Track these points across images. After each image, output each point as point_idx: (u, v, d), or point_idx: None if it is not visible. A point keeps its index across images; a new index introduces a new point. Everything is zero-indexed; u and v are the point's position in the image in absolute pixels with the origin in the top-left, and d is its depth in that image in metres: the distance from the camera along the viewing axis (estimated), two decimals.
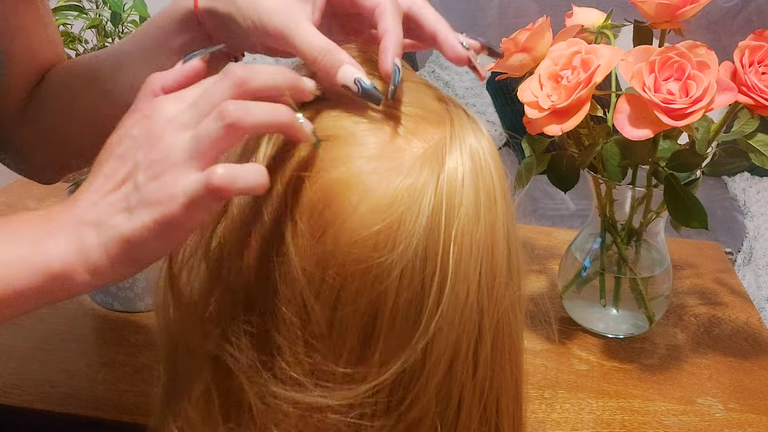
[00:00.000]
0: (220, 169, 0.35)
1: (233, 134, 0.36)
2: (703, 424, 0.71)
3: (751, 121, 0.69)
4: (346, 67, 0.40)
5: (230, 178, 0.35)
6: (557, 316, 0.86)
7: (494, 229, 0.39)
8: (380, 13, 0.41)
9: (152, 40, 0.53)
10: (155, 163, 0.36)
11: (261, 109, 0.36)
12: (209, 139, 0.35)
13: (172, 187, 0.35)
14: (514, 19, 2.56)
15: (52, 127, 0.62)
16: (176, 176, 0.35)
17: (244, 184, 0.35)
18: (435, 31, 0.43)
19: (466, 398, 0.40)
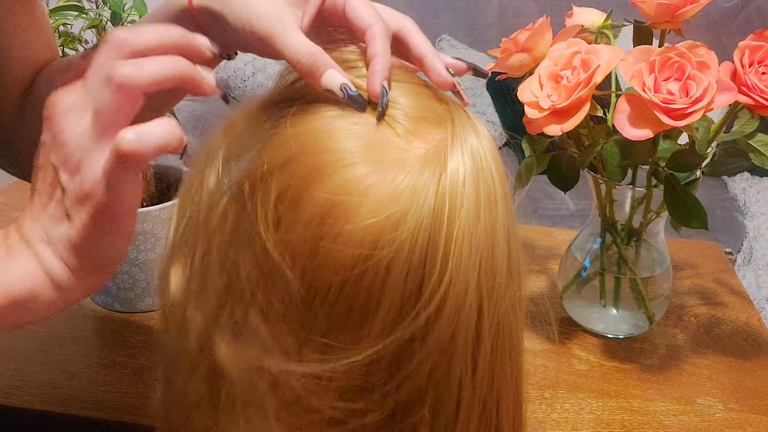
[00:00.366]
0: (127, 134, 0.35)
1: (129, 95, 0.35)
2: (703, 424, 0.71)
3: (751, 121, 0.69)
4: (330, 71, 0.40)
5: (138, 140, 0.35)
6: (557, 316, 0.86)
7: (495, 229, 0.39)
8: (371, 35, 0.42)
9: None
10: (69, 158, 0.36)
11: (152, 62, 0.35)
12: (107, 108, 0.35)
13: (92, 175, 0.35)
14: (514, 19, 2.56)
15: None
16: (91, 161, 0.35)
17: (156, 140, 0.35)
18: (422, 55, 0.43)
19: (465, 398, 0.40)
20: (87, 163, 0.35)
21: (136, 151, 0.35)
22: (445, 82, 0.43)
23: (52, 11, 0.78)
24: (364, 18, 0.43)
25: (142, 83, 0.35)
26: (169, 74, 0.36)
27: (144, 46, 0.36)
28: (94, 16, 0.79)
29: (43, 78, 0.63)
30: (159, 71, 0.36)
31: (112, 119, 0.35)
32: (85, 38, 0.80)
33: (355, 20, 0.43)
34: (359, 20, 0.43)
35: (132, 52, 0.36)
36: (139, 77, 0.35)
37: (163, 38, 0.37)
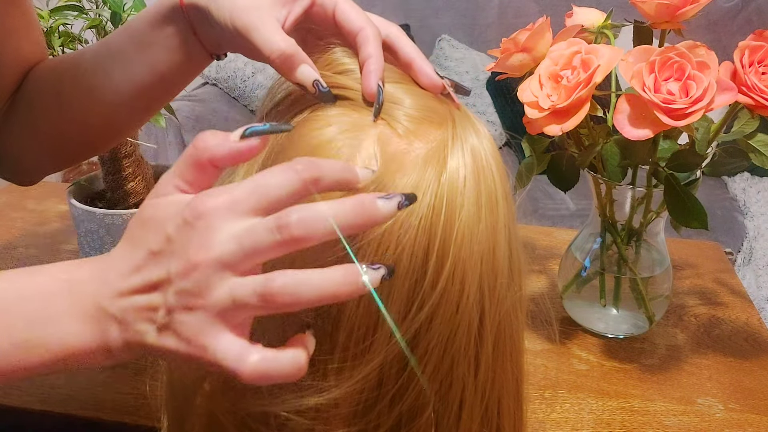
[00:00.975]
0: (255, 357, 0.33)
1: (275, 311, 0.34)
2: (703, 424, 0.71)
3: (751, 121, 0.69)
4: (304, 66, 0.41)
5: (262, 374, 0.34)
6: (557, 316, 0.86)
7: (495, 229, 0.39)
8: (364, 38, 0.42)
9: (140, 34, 0.53)
10: (188, 294, 0.34)
11: (315, 285, 0.33)
12: (246, 309, 0.34)
13: (202, 337, 0.34)
14: (514, 19, 2.56)
15: (37, 128, 0.62)
16: (208, 327, 0.34)
17: (278, 377, 0.34)
18: (410, 59, 0.44)
19: (467, 398, 0.40)
20: (202, 322, 0.34)
21: (252, 380, 0.34)
22: (435, 85, 0.43)
23: (52, 11, 0.78)
24: (354, 21, 0.43)
25: (293, 305, 0.33)
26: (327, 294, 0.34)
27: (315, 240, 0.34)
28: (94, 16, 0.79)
29: (31, 79, 0.63)
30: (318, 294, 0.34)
31: (243, 315, 0.34)
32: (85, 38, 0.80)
33: (345, 23, 0.44)
34: (350, 23, 0.43)
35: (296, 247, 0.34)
36: (295, 303, 0.33)
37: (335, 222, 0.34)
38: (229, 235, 0.34)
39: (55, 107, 0.60)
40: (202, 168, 0.36)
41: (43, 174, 0.67)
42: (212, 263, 0.33)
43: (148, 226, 0.36)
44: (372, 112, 0.39)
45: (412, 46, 0.44)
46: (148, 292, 0.35)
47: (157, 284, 0.35)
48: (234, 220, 0.34)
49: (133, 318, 0.35)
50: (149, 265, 0.35)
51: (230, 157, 0.36)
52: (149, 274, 0.35)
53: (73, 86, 0.58)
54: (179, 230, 0.34)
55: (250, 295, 0.33)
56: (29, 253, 0.99)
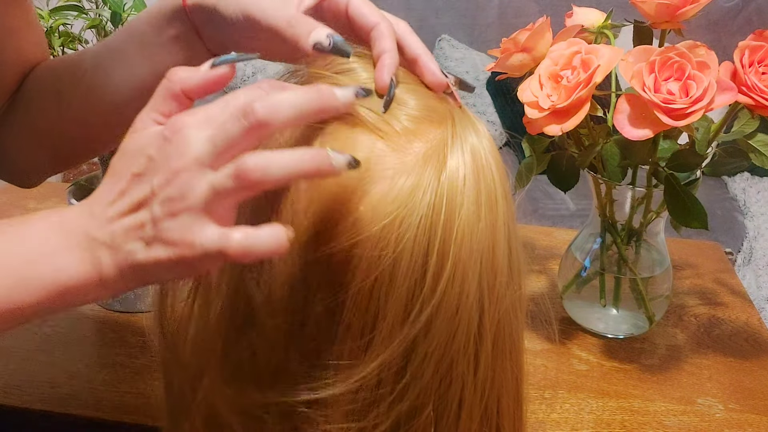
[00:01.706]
0: (237, 236, 0.35)
1: (251, 190, 0.35)
2: (703, 424, 0.71)
3: (751, 121, 0.69)
4: (317, 29, 0.42)
5: (246, 248, 0.35)
6: (557, 316, 0.86)
7: (495, 228, 0.39)
8: (379, 33, 0.43)
9: (141, 35, 0.53)
10: (172, 201, 0.35)
11: (283, 163, 0.35)
12: (226, 193, 0.35)
13: (188, 235, 0.35)
14: (514, 19, 2.56)
15: (37, 128, 0.62)
16: (193, 224, 0.35)
17: (261, 250, 0.35)
18: (416, 56, 0.44)
19: (467, 398, 0.40)
20: (188, 221, 0.35)
21: (239, 257, 0.35)
22: (439, 83, 0.43)
23: (52, 11, 0.78)
24: (369, 16, 0.43)
25: (269, 183, 0.35)
26: (300, 173, 0.36)
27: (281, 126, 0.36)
28: (94, 16, 0.79)
29: (30, 80, 0.63)
30: (290, 172, 0.35)
31: (225, 202, 0.36)
32: (85, 38, 0.80)
33: (360, 18, 0.44)
34: (364, 18, 0.44)
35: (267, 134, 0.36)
36: (268, 179, 0.35)
37: (303, 109, 0.37)
38: (202, 136, 0.35)
39: (54, 107, 0.60)
40: (176, 98, 0.38)
41: (43, 176, 0.67)
42: (190, 165, 0.35)
43: (128, 154, 0.38)
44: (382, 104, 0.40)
45: (418, 43, 0.44)
46: (135, 212, 0.36)
47: (143, 202, 0.36)
48: (208, 129, 0.36)
49: (122, 240, 0.36)
50: (133, 187, 0.37)
51: (202, 86, 0.38)
52: (133, 194, 0.37)
53: (73, 86, 0.58)
54: (159, 148, 0.36)
55: (226, 179, 0.35)
56: None
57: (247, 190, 0.35)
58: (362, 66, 0.42)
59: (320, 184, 0.38)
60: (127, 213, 0.37)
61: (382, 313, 0.38)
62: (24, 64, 0.62)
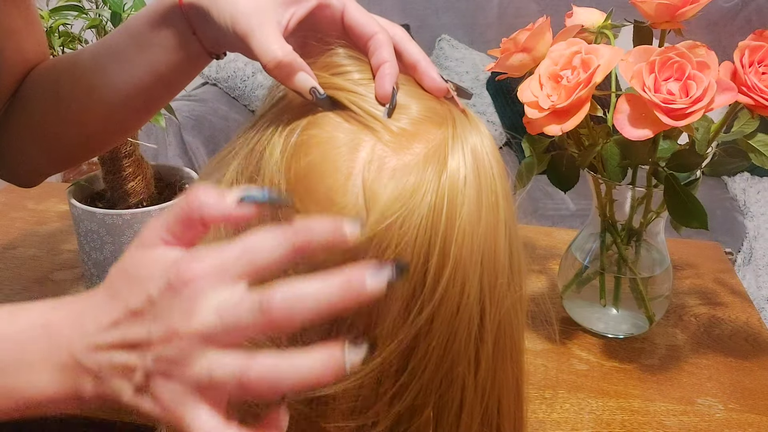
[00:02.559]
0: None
1: (247, 395, 0.34)
2: (703, 424, 0.71)
3: (751, 121, 0.69)
4: (300, 74, 0.41)
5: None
6: (557, 316, 0.86)
7: (496, 228, 0.39)
8: (378, 43, 0.43)
9: (138, 34, 0.53)
10: (168, 362, 0.34)
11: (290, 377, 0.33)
12: (224, 389, 0.34)
13: (180, 407, 0.34)
14: (514, 19, 2.56)
15: (36, 129, 0.62)
16: (185, 398, 0.34)
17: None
18: (415, 62, 0.44)
19: (467, 398, 0.40)
20: (181, 392, 0.34)
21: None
22: (439, 88, 0.43)
23: (52, 11, 0.78)
24: (366, 26, 0.43)
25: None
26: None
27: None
28: (94, 16, 0.79)
29: (30, 80, 0.63)
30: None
31: (220, 393, 0.34)
32: (85, 38, 0.80)
33: (357, 28, 0.44)
34: (362, 28, 0.44)
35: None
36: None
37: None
38: (212, 307, 0.33)
39: (53, 107, 0.60)
40: (191, 224, 0.35)
41: (42, 176, 0.67)
42: (193, 335, 0.33)
43: (130, 280, 0.35)
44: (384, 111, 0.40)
45: (416, 49, 0.45)
46: (126, 351, 0.35)
47: (136, 344, 0.34)
48: (220, 287, 0.34)
49: (109, 374, 0.35)
50: (129, 324, 0.35)
51: (222, 220, 0.36)
52: (128, 332, 0.35)
53: (71, 86, 0.58)
54: (162, 294, 0.34)
55: (229, 378, 0.33)
56: (29, 253, 0.99)
57: (248, 396, 0.34)
58: (357, 68, 0.42)
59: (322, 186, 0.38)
60: (118, 348, 0.35)
61: (383, 314, 0.38)
62: (24, 64, 0.62)
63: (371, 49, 0.43)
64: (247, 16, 0.43)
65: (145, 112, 0.60)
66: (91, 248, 0.83)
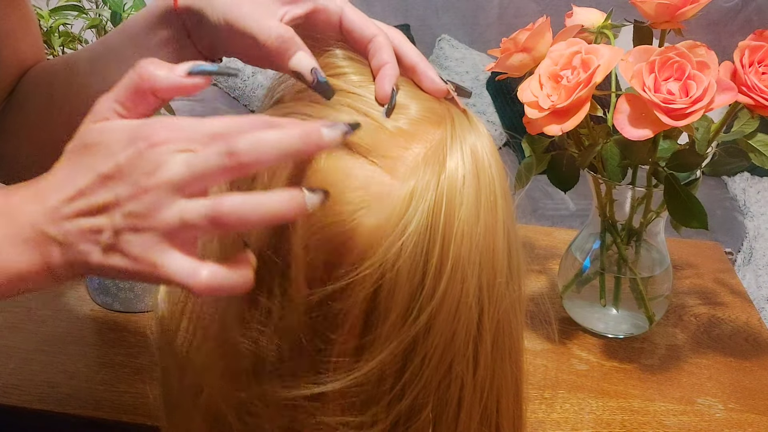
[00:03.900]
0: (205, 273, 0.34)
1: (222, 231, 0.35)
2: (703, 424, 0.71)
3: (751, 121, 0.69)
4: (300, 53, 0.41)
5: (212, 288, 0.35)
6: (557, 316, 0.86)
7: (495, 228, 0.39)
8: (378, 45, 0.43)
9: (134, 36, 0.52)
10: (137, 216, 0.34)
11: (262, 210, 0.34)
12: (195, 229, 0.34)
13: (150, 254, 0.34)
14: (514, 19, 2.56)
15: (30, 130, 0.61)
16: (156, 245, 0.34)
17: (227, 290, 0.35)
18: (414, 63, 0.44)
19: (466, 397, 0.40)
20: (152, 241, 0.34)
21: (203, 293, 0.35)
22: (439, 89, 0.43)
23: (52, 11, 0.78)
24: (366, 29, 0.44)
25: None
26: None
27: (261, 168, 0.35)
28: (94, 16, 0.79)
29: (26, 80, 0.62)
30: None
31: (192, 233, 0.35)
32: (85, 38, 0.80)
33: (356, 31, 0.44)
34: (361, 31, 0.44)
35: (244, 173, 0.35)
36: (244, 223, 0.34)
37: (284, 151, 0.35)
38: (180, 159, 0.34)
39: (47, 109, 0.60)
40: (142, 96, 0.36)
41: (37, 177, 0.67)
42: (162, 185, 0.34)
43: (93, 151, 0.36)
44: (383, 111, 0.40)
45: (414, 51, 0.45)
46: (93, 216, 0.35)
47: (104, 207, 0.35)
48: (187, 146, 0.35)
49: (75, 239, 0.35)
50: (96, 189, 0.35)
51: (173, 91, 0.37)
52: (95, 197, 0.35)
53: (65, 88, 0.58)
54: (130, 160, 0.35)
55: (199, 217, 0.34)
56: None
57: (218, 230, 0.35)
58: (355, 69, 0.42)
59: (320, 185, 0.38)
60: (85, 214, 0.36)
61: (383, 315, 0.38)
62: (20, 65, 0.62)
63: (371, 52, 0.43)
64: (239, 5, 0.44)
65: None
66: None
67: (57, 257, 0.36)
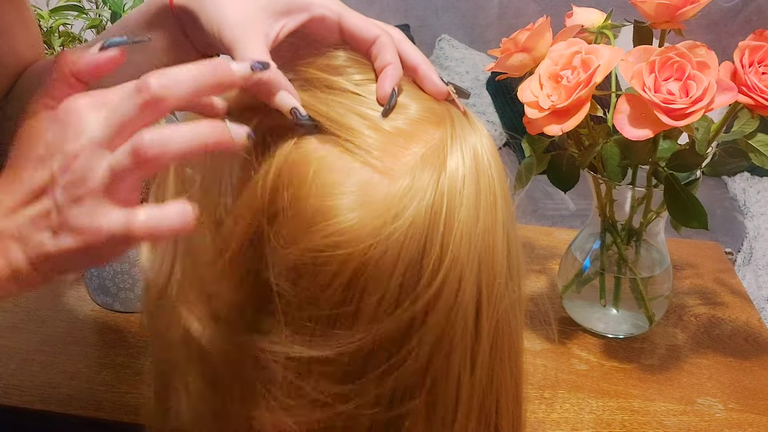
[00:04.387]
0: (142, 216, 0.35)
1: (151, 168, 0.35)
2: (703, 424, 0.71)
3: (751, 121, 0.69)
4: (282, 93, 0.40)
5: (152, 228, 0.35)
6: (557, 316, 0.86)
7: (494, 229, 0.39)
8: (381, 45, 0.43)
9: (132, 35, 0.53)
10: (73, 185, 0.35)
11: (180, 136, 0.35)
12: (125, 172, 0.35)
13: (94, 220, 0.35)
14: (514, 19, 2.56)
15: None
16: (97, 209, 0.35)
17: (168, 229, 0.35)
18: (415, 64, 0.44)
19: (463, 397, 0.40)
20: (92, 205, 0.35)
21: (145, 237, 0.35)
22: (440, 91, 0.43)
23: (52, 11, 0.78)
24: (368, 30, 0.43)
25: (168, 159, 0.35)
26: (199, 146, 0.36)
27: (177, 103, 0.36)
28: (94, 16, 0.79)
29: (25, 79, 0.62)
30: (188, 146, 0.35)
31: (126, 181, 0.35)
32: (85, 38, 0.80)
33: (358, 33, 0.44)
34: (363, 33, 0.43)
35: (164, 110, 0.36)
36: (165, 155, 0.35)
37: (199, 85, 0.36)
38: (96, 117, 0.35)
39: None
40: (67, 83, 0.37)
41: None
42: (87, 146, 0.35)
43: (24, 141, 0.37)
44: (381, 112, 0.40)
45: (416, 52, 0.45)
46: (38, 199, 0.36)
47: (44, 188, 0.36)
48: (101, 108, 0.35)
49: (29, 230, 0.36)
50: (31, 173, 0.36)
51: (92, 69, 0.37)
52: (32, 181, 0.36)
53: None
54: (54, 132, 0.36)
55: (124, 157, 0.34)
56: None
57: (147, 166, 0.35)
58: (357, 69, 0.42)
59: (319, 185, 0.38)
60: (30, 201, 0.36)
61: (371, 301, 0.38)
62: (18, 63, 0.62)
63: (374, 52, 0.43)
64: (233, 28, 0.43)
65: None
66: None
67: (18, 255, 0.36)
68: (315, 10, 0.44)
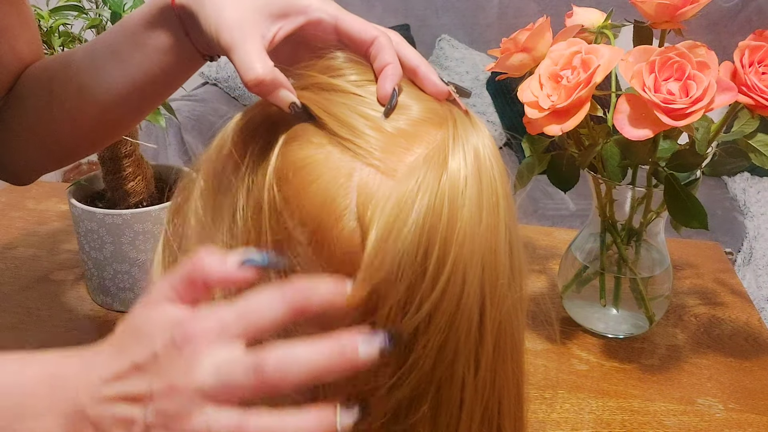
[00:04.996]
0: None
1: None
2: (703, 424, 0.71)
3: (751, 121, 0.69)
4: (281, 91, 0.41)
5: None
6: (557, 316, 0.86)
7: (497, 229, 0.39)
8: (380, 46, 0.43)
9: (133, 34, 0.52)
10: (167, 416, 0.35)
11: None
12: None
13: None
14: (514, 19, 2.56)
15: (30, 127, 0.62)
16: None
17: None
18: (415, 66, 0.44)
19: (467, 398, 0.40)
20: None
21: None
22: (441, 91, 0.43)
23: (52, 11, 0.78)
24: (365, 32, 0.43)
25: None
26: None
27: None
28: (94, 16, 0.79)
29: (25, 78, 0.62)
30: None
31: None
32: (85, 38, 0.80)
33: (356, 35, 0.44)
34: (361, 34, 0.43)
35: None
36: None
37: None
38: (211, 365, 0.35)
39: (46, 106, 0.60)
40: (194, 286, 0.37)
41: (37, 174, 0.67)
42: (192, 391, 0.35)
43: (135, 336, 0.37)
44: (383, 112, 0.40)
45: (414, 53, 0.45)
46: (128, 404, 0.36)
47: (138, 398, 0.36)
48: (219, 346, 0.35)
49: (109, 425, 0.36)
50: (132, 377, 0.36)
51: (223, 283, 0.37)
52: (131, 386, 0.36)
53: (64, 85, 0.58)
54: (165, 350, 0.36)
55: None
56: (29, 253, 0.99)
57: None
58: (356, 71, 0.42)
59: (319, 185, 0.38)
60: (120, 400, 0.36)
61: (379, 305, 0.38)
62: (18, 63, 0.62)
63: (373, 53, 0.43)
64: (231, 29, 0.43)
65: (139, 112, 0.60)
66: (91, 248, 0.83)
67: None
68: (312, 13, 0.45)
